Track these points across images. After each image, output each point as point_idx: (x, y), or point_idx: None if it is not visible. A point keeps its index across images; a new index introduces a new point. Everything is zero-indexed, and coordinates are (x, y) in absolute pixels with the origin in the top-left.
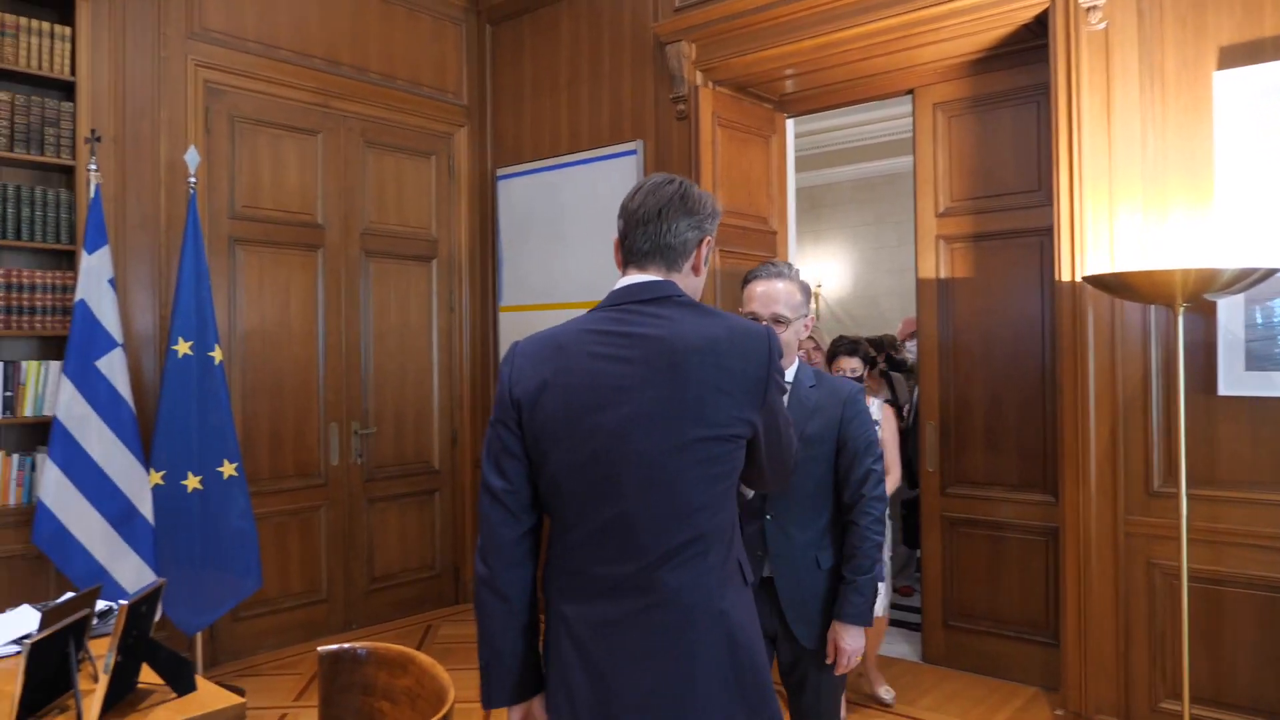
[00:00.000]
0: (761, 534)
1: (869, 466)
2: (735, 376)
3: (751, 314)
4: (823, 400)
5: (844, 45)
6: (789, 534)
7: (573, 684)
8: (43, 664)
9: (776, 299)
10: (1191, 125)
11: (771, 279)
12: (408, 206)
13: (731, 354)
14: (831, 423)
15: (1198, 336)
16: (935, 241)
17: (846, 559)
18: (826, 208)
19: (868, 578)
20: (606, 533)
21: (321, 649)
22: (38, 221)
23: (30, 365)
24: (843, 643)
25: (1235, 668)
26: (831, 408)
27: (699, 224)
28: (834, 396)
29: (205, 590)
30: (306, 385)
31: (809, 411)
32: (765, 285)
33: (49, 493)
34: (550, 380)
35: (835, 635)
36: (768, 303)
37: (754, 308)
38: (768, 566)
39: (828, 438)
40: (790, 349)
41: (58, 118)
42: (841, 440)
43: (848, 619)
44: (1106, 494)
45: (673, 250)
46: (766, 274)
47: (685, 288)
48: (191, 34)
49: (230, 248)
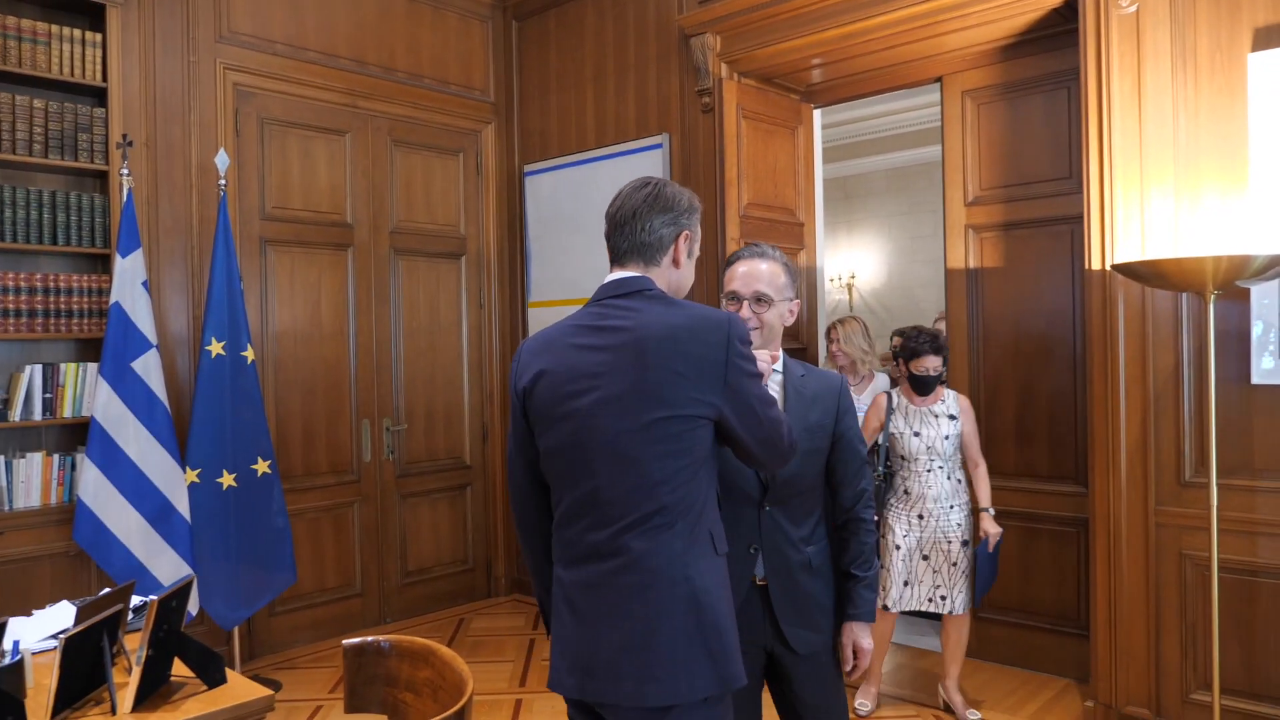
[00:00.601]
0: (757, 525)
1: (863, 459)
2: (693, 360)
3: (732, 293)
4: (819, 390)
5: (869, 34)
6: (784, 528)
7: (566, 636)
8: (78, 658)
9: (758, 278)
10: (1225, 108)
11: (754, 259)
12: (436, 204)
13: (691, 340)
14: (829, 413)
15: (1231, 324)
16: (964, 231)
17: (854, 557)
18: (859, 198)
19: (874, 574)
20: (584, 504)
21: (346, 642)
22: (72, 226)
23: (68, 367)
24: (862, 642)
25: (1268, 658)
26: (828, 397)
27: (674, 220)
28: (828, 387)
29: (242, 585)
30: (338, 383)
31: (808, 400)
32: (747, 265)
33: (88, 492)
34: (542, 371)
35: (852, 636)
36: (749, 281)
37: (734, 286)
38: (761, 566)
39: (827, 428)
40: (774, 333)
41: (90, 123)
42: (837, 433)
43: (865, 617)
44: (1137, 484)
45: (649, 247)
46: (749, 254)
47: (668, 280)
48: (220, 38)
49: (261, 248)
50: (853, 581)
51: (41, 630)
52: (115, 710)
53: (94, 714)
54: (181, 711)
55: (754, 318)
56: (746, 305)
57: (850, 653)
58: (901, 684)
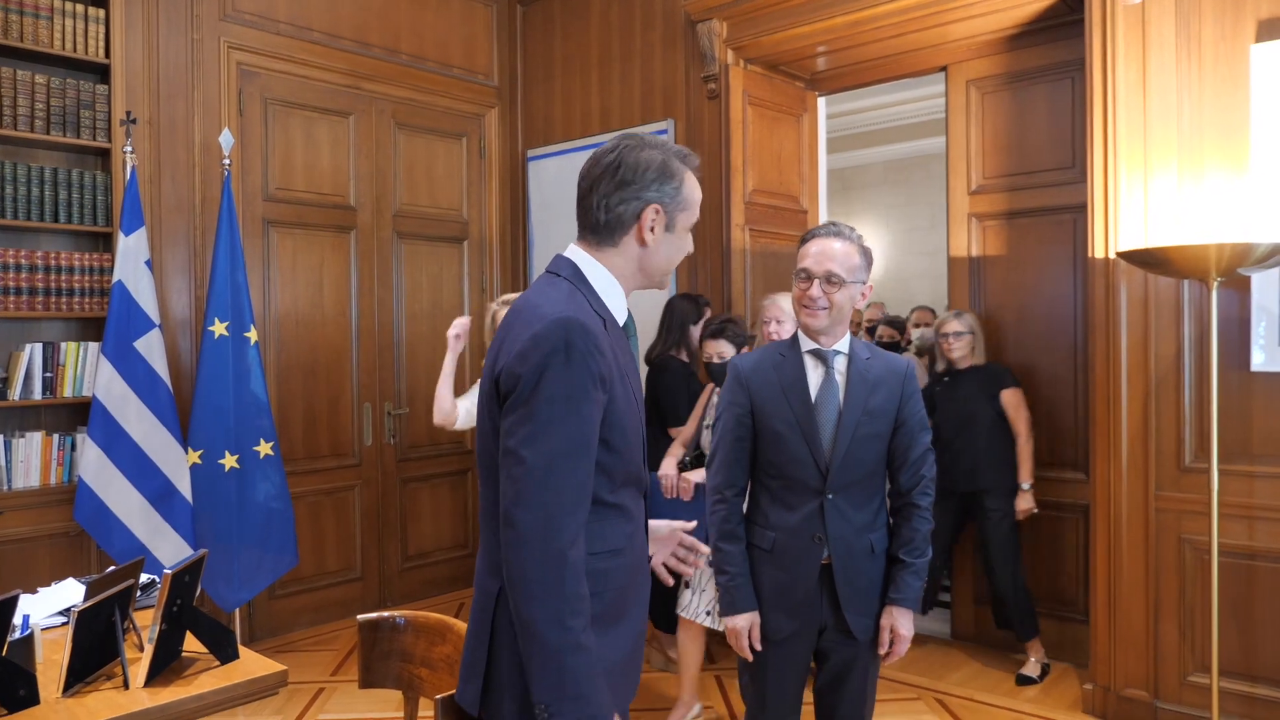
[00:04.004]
0: (820, 514)
1: (926, 445)
2: (510, 344)
3: (804, 270)
4: (883, 374)
5: (876, 22)
6: (847, 515)
7: None
8: (89, 632)
9: (831, 256)
10: (1228, 99)
11: (829, 237)
12: (439, 188)
13: (515, 325)
14: (893, 397)
15: (1232, 312)
16: (967, 219)
17: (904, 542)
18: (857, 189)
19: (924, 561)
20: None
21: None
22: (74, 204)
23: (69, 346)
24: (902, 628)
25: (1265, 641)
26: (892, 382)
27: (638, 194)
28: (892, 371)
29: (243, 567)
30: (340, 366)
31: (870, 384)
32: (821, 243)
33: (89, 471)
34: None
35: (893, 621)
36: (821, 260)
37: (806, 264)
38: (826, 551)
39: (889, 412)
40: (843, 315)
41: (93, 100)
42: (900, 418)
43: (908, 603)
44: (1138, 470)
45: (602, 225)
46: (825, 232)
47: (634, 260)
48: (224, 16)
49: (264, 229)
50: (899, 566)
51: (48, 607)
52: (128, 685)
53: (106, 688)
54: (195, 686)
55: (823, 296)
56: (817, 284)
57: (888, 636)
58: None
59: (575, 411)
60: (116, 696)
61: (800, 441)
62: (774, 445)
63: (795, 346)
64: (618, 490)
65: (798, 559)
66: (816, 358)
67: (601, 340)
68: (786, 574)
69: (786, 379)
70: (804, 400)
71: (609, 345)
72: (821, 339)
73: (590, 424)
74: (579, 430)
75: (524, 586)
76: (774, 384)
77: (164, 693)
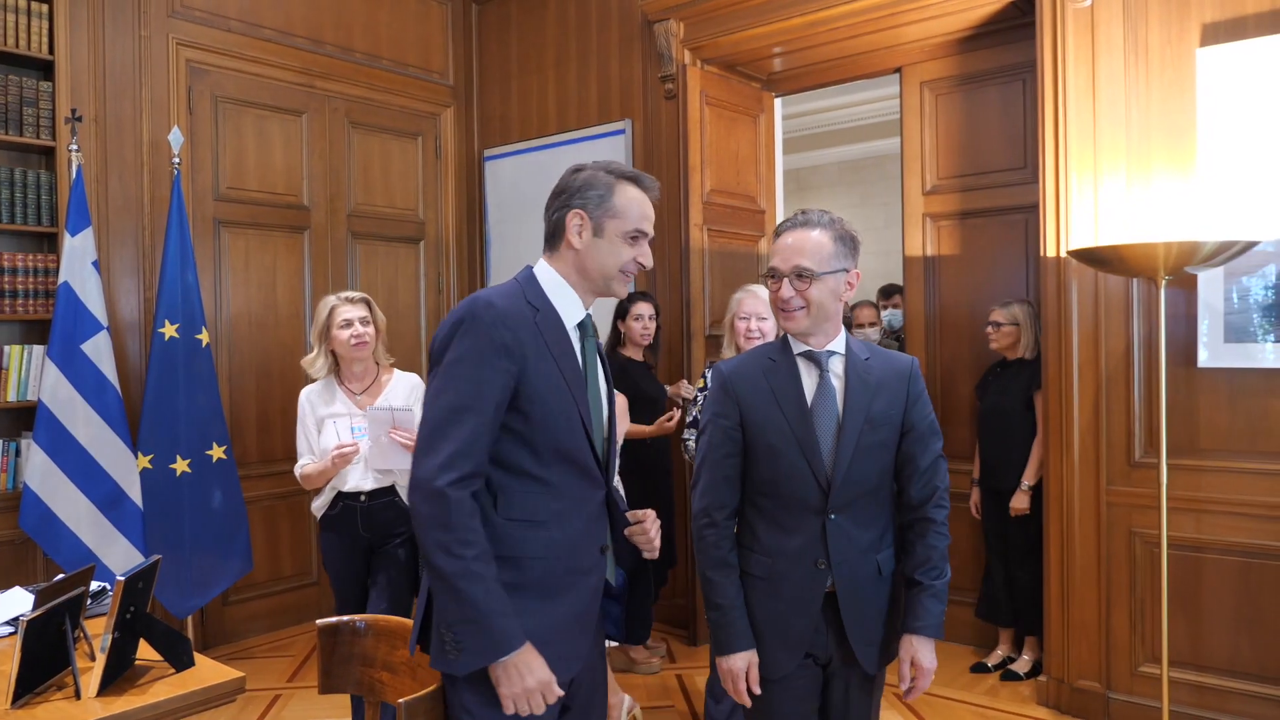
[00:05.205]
0: (822, 536)
1: (938, 452)
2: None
3: (772, 269)
4: (885, 376)
5: (831, 23)
6: (851, 536)
7: None
8: (39, 641)
9: (800, 250)
10: (1175, 101)
11: (796, 228)
12: (394, 188)
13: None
14: (897, 401)
15: (1179, 310)
16: (922, 219)
17: (920, 563)
18: (813, 189)
19: (944, 583)
20: None
21: (320, 622)
22: (18, 203)
23: (13, 349)
24: (924, 660)
25: (1213, 631)
26: (895, 384)
27: (566, 202)
28: (895, 371)
29: (196, 573)
30: (294, 368)
31: (872, 388)
32: (788, 236)
33: (35, 477)
34: None
35: (913, 652)
36: (789, 255)
37: (774, 262)
38: (830, 579)
39: (894, 418)
40: (827, 312)
41: (36, 97)
42: (908, 423)
43: (929, 631)
44: (1089, 465)
45: (549, 235)
46: (792, 224)
47: (571, 262)
48: (173, 12)
49: (215, 229)
50: (916, 589)
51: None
52: (79, 695)
53: (57, 699)
54: (149, 695)
55: (796, 295)
56: (787, 283)
57: (908, 669)
58: None
59: (473, 373)
60: (68, 707)
61: (798, 456)
62: (767, 461)
63: (786, 350)
64: (546, 465)
65: (798, 587)
66: (810, 361)
67: (510, 317)
68: (785, 604)
69: (779, 386)
70: (799, 409)
71: (529, 325)
72: (812, 340)
73: (488, 386)
74: (474, 389)
75: (418, 524)
76: (765, 392)
77: (117, 702)
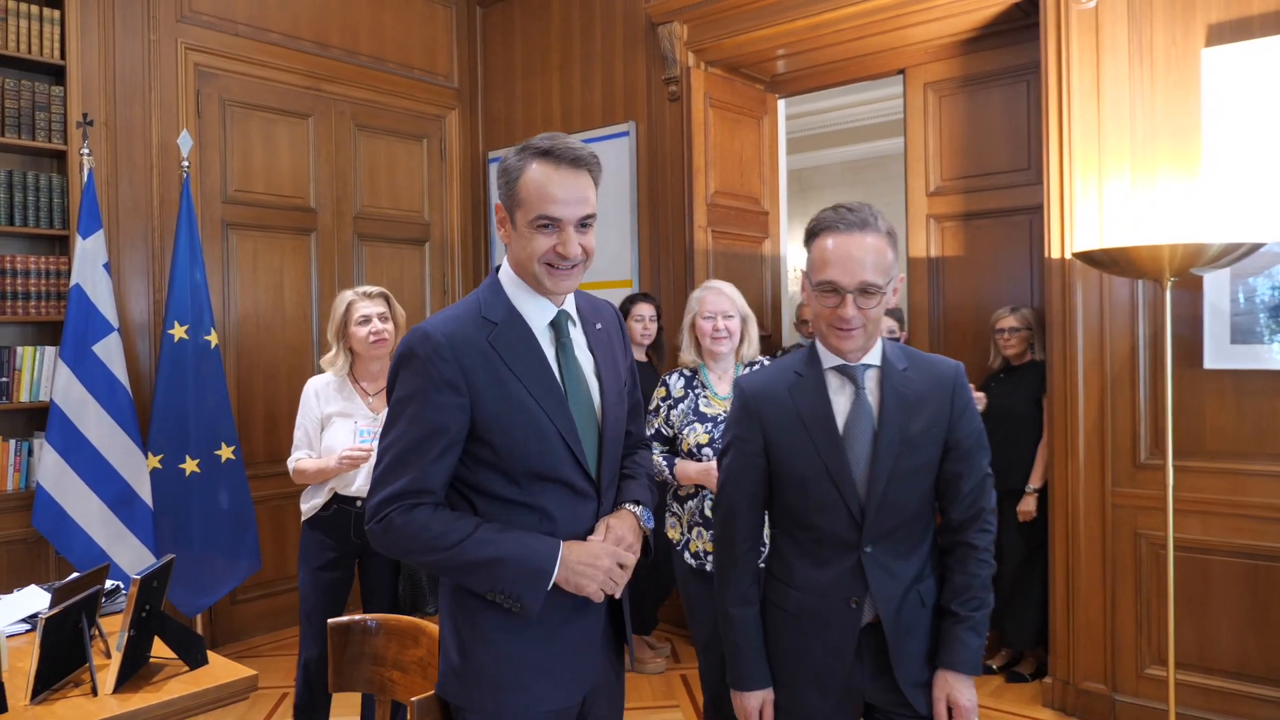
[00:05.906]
0: (860, 572)
1: (985, 471)
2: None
3: (829, 284)
4: (925, 388)
5: (835, 25)
6: (891, 569)
7: None
8: (57, 638)
9: (863, 264)
10: (1179, 102)
11: (854, 232)
12: (400, 190)
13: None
14: (940, 418)
15: (1184, 311)
16: (926, 220)
17: (957, 591)
18: (815, 190)
19: (984, 614)
20: None
21: (332, 621)
22: (30, 206)
23: (25, 351)
24: (962, 698)
25: (1220, 634)
26: (938, 398)
27: (499, 194)
28: (937, 383)
29: (204, 572)
30: (301, 369)
31: (910, 404)
32: (845, 243)
33: (48, 477)
34: None
35: (949, 690)
36: (853, 270)
37: (831, 275)
38: (867, 614)
39: (936, 438)
40: (879, 327)
41: (48, 102)
42: (952, 440)
43: (965, 667)
44: (1095, 466)
45: None
46: (845, 226)
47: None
48: (181, 17)
49: (224, 232)
50: (952, 621)
51: (11, 614)
52: (96, 691)
53: (75, 695)
54: (164, 692)
55: (859, 314)
56: (850, 301)
57: (944, 709)
58: None
59: (417, 412)
60: (85, 703)
61: (829, 485)
62: (796, 490)
63: (814, 362)
64: (525, 488)
65: (827, 625)
66: (842, 375)
67: (449, 347)
68: (818, 644)
69: (806, 406)
70: (830, 433)
71: (476, 349)
72: (850, 354)
73: (428, 423)
74: (418, 430)
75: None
76: (790, 412)
77: (133, 699)
